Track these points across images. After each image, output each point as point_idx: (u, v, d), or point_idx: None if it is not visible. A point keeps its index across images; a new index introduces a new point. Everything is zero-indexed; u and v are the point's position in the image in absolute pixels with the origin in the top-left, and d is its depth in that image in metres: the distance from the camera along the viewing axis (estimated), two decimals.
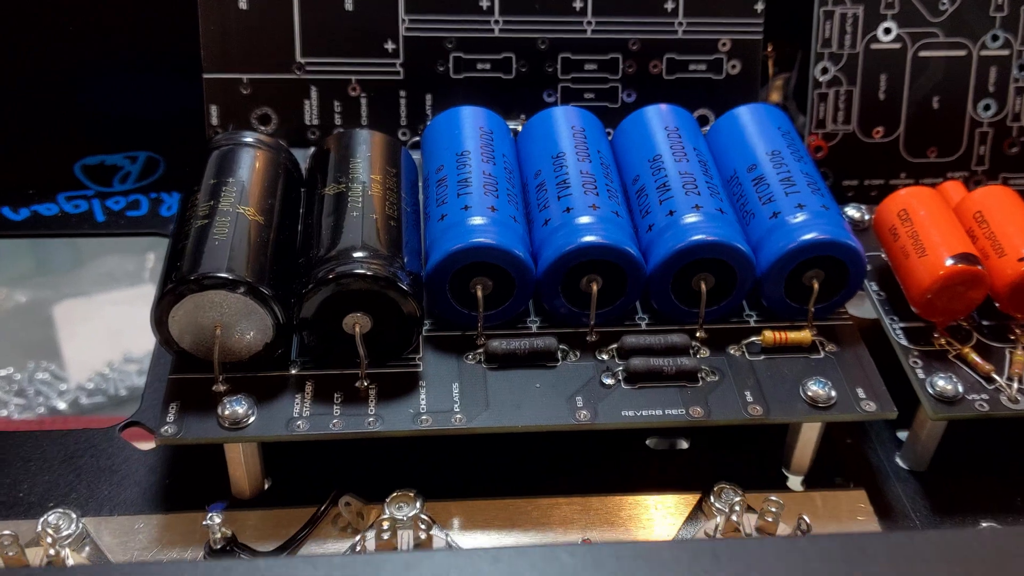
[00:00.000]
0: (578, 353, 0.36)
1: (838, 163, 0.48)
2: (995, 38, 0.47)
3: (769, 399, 0.35)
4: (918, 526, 0.35)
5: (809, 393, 0.34)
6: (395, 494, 0.33)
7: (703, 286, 0.36)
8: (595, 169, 0.38)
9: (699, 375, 0.35)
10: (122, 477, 0.36)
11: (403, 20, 0.45)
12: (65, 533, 0.32)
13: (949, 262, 0.36)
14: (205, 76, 0.45)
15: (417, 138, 0.45)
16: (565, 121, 0.41)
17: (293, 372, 0.35)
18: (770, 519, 0.33)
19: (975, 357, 0.36)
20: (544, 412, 0.34)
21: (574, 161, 0.38)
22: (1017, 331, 0.37)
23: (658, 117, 0.41)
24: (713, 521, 0.34)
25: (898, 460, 0.38)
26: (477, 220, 0.35)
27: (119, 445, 0.37)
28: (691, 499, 0.35)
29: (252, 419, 0.33)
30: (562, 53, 0.45)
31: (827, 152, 0.48)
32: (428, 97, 0.46)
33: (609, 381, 0.35)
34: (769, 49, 0.49)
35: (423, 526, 0.32)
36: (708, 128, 0.44)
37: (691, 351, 0.36)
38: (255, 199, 0.35)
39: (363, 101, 0.45)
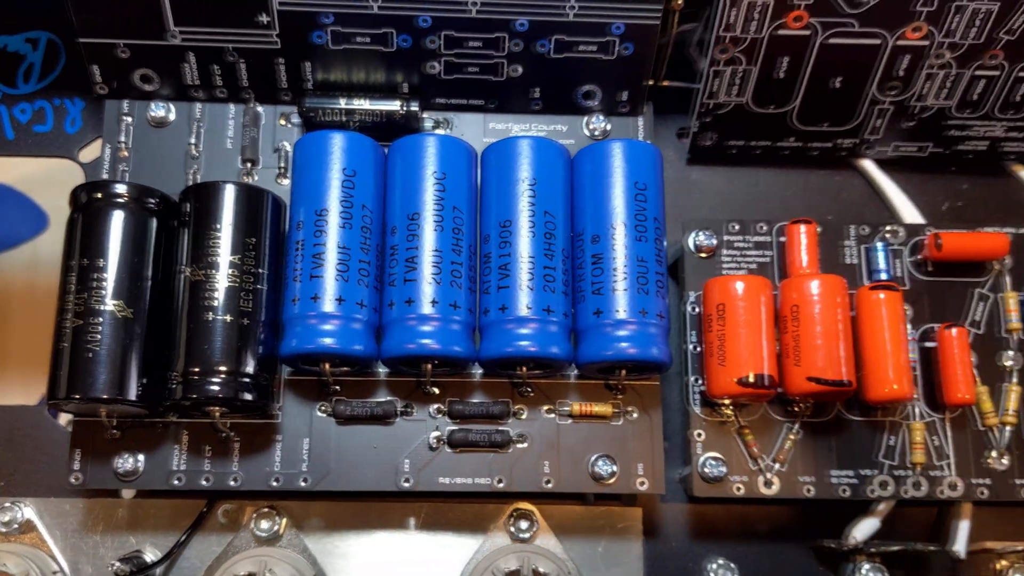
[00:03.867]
0: (414, 408, 0.42)
1: (725, 126, 0.48)
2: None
3: (563, 471, 0.42)
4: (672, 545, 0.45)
5: (595, 470, 0.42)
6: (264, 509, 0.43)
7: (523, 369, 0.41)
8: (444, 242, 0.41)
9: (510, 445, 0.42)
10: (50, 458, 0.45)
11: None
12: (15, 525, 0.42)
13: (739, 382, 0.40)
14: (81, 40, 0.44)
15: (295, 108, 0.46)
16: (430, 163, 0.42)
17: (173, 419, 0.42)
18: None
19: (750, 438, 0.43)
20: (376, 476, 0.42)
21: (428, 229, 0.41)
22: (801, 406, 0.43)
23: (525, 160, 0.42)
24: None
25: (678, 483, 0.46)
26: (324, 321, 0.39)
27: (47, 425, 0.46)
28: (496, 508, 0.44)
29: (140, 470, 0.41)
30: (444, 31, 0.44)
31: (713, 119, 0.48)
32: (307, 65, 0.45)
33: (435, 444, 0.42)
34: (679, 1, 0.46)
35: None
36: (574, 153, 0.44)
37: (510, 414, 0.42)
38: (122, 287, 0.39)
39: (242, 66, 0.45)
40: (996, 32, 0.44)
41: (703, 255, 0.45)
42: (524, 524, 0.44)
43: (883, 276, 0.45)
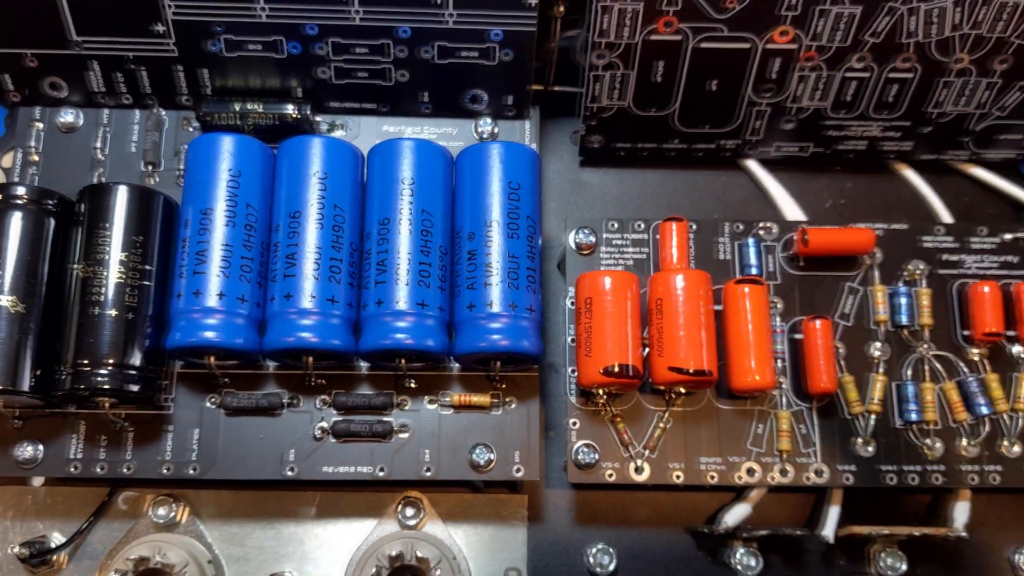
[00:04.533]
0: (301, 399, 0.45)
1: (610, 129, 0.50)
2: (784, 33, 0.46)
3: (442, 459, 0.44)
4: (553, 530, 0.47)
5: (473, 458, 0.44)
6: (161, 497, 0.45)
7: (403, 362, 0.43)
8: (324, 240, 0.43)
9: (392, 435, 0.44)
10: None
11: (168, 5, 0.45)
12: None
13: (603, 372, 0.42)
14: None
15: (196, 111, 0.48)
16: (313, 163, 0.44)
17: (72, 410, 0.44)
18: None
19: (621, 426, 0.45)
20: (261, 465, 0.44)
21: (308, 227, 0.43)
22: (672, 395, 0.45)
23: (405, 161, 0.44)
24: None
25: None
26: (207, 316, 0.42)
27: None
28: (388, 496, 0.46)
29: (40, 459, 0.43)
30: (331, 38, 0.46)
31: (598, 123, 0.50)
32: (204, 72, 0.47)
33: (320, 434, 0.44)
34: (560, 8, 0.48)
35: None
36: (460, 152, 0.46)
37: (393, 405, 0.44)
38: (17, 283, 0.41)
39: (143, 74, 0.47)
40: (861, 35, 0.46)
41: (583, 252, 0.47)
42: (410, 511, 0.46)
43: (753, 271, 0.47)
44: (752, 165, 0.52)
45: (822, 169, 0.53)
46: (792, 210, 0.51)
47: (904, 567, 0.47)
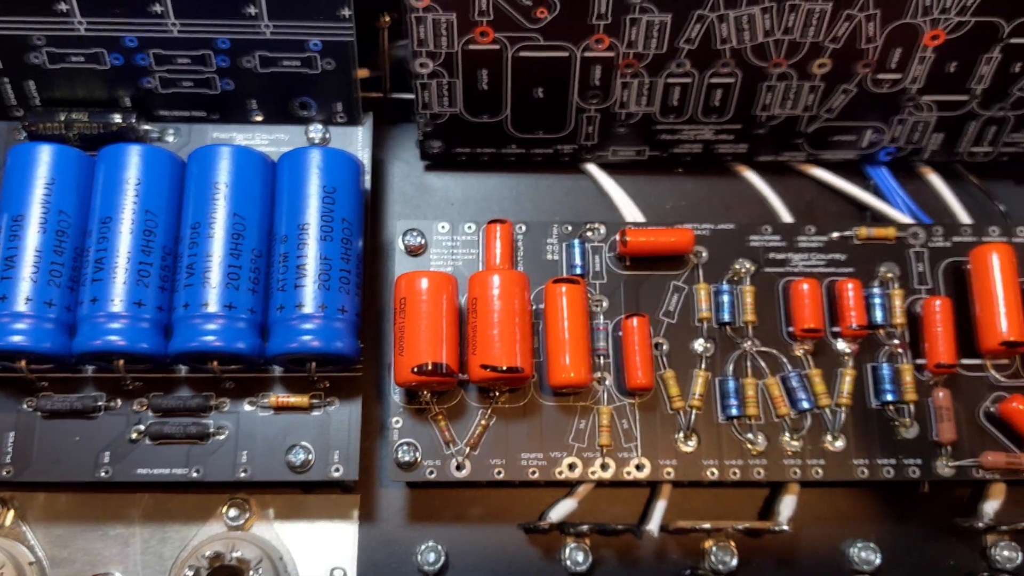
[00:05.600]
0: (119, 402, 0.45)
1: (446, 135, 0.51)
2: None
3: (259, 461, 0.44)
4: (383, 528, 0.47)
5: (289, 458, 0.44)
6: None
7: (215, 364, 0.44)
8: (135, 244, 0.43)
9: (208, 437, 0.44)
10: None
11: None
12: None
13: (414, 370, 0.43)
14: None
15: (22, 122, 0.48)
16: (124, 170, 0.44)
17: None
18: None
19: (443, 424, 0.45)
20: (75, 468, 0.44)
21: (118, 232, 0.43)
22: (494, 392, 0.45)
23: (219, 166, 0.44)
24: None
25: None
26: (15, 320, 0.42)
27: None
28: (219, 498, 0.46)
29: None
30: (152, 49, 0.46)
31: (435, 128, 0.50)
32: (31, 84, 0.48)
33: (136, 436, 0.44)
34: (386, 18, 0.49)
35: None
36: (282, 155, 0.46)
37: (210, 407, 0.45)
38: None
39: None
40: (676, 42, 0.47)
41: (414, 254, 0.48)
42: (234, 512, 0.46)
43: (578, 271, 0.47)
44: (593, 169, 0.53)
45: (664, 172, 0.54)
46: (632, 212, 0.52)
47: (735, 562, 0.47)
